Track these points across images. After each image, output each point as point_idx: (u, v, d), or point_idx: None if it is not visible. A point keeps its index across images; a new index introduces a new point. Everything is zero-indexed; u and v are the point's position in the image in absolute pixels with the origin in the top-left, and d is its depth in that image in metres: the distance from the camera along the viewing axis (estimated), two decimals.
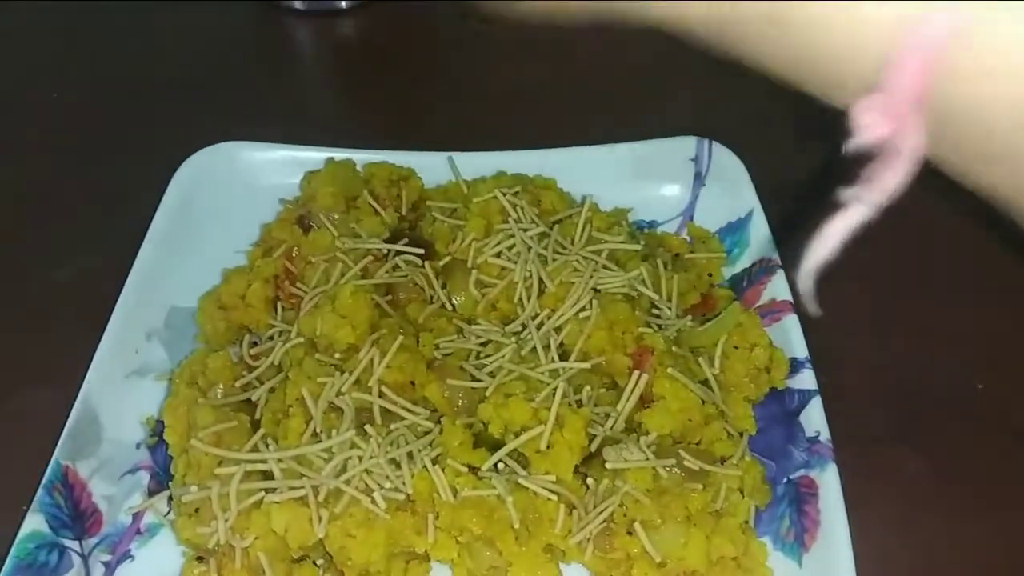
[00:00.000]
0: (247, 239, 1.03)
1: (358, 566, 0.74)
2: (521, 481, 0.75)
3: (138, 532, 0.83)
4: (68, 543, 0.79)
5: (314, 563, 0.78)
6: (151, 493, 0.85)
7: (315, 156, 1.04)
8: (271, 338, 0.91)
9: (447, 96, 1.28)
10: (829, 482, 0.80)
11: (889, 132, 0.41)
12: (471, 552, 0.75)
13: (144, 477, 0.87)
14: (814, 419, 0.84)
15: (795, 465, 0.83)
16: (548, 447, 0.78)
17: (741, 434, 0.84)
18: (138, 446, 0.89)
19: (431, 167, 1.05)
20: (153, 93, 1.27)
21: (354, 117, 1.27)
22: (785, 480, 0.83)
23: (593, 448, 0.80)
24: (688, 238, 1.03)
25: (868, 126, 0.41)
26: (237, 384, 0.86)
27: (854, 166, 0.44)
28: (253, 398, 0.84)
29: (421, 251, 0.92)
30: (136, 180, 1.07)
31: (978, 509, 0.85)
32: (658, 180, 1.06)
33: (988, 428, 0.91)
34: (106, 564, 0.80)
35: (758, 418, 0.87)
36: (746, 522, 0.79)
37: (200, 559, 0.77)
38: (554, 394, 0.81)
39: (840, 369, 0.91)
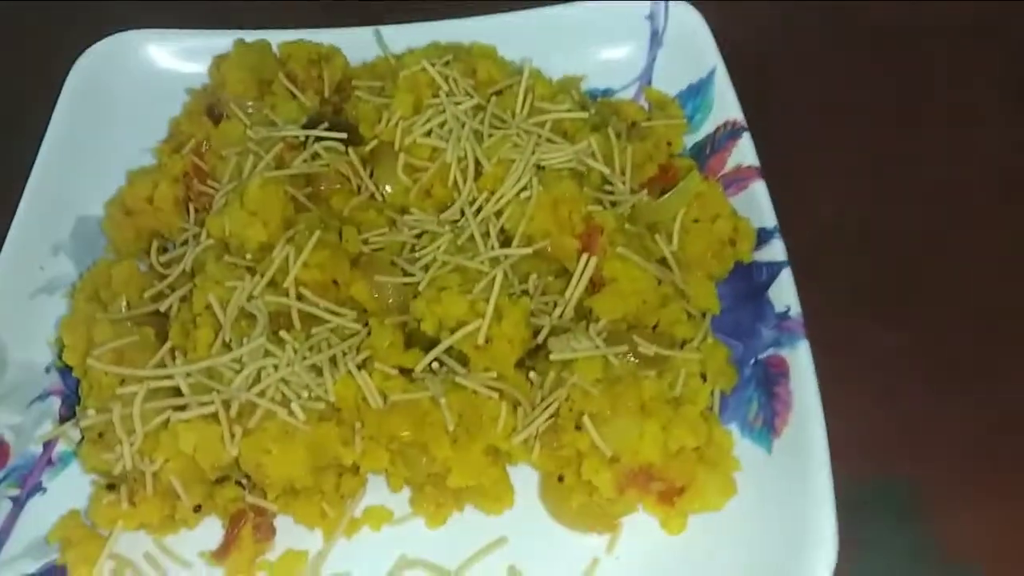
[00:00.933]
0: (156, 137, 0.92)
1: (279, 483, 0.67)
2: (458, 380, 0.68)
3: (49, 463, 0.76)
4: None
5: (238, 483, 0.71)
6: (63, 419, 0.78)
7: (224, 40, 0.93)
8: (185, 243, 0.82)
9: None
10: (801, 360, 0.72)
11: None
12: (405, 459, 0.68)
13: (55, 403, 0.80)
14: (784, 293, 0.76)
15: (764, 344, 0.75)
16: (487, 342, 0.70)
17: (703, 314, 0.76)
18: (47, 370, 0.81)
19: (357, 44, 0.94)
20: None
21: None
22: (753, 361, 0.75)
23: (540, 340, 0.72)
24: (646, 104, 0.92)
25: None
26: (146, 295, 0.78)
27: None
28: (162, 309, 0.76)
29: (343, 136, 0.82)
30: (30, 77, 0.97)
31: (958, 381, 0.78)
32: (611, 43, 0.95)
33: (964, 299, 0.83)
34: (14, 499, 0.73)
35: (723, 296, 0.78)
36: (709, 409, 0.71)
37: (111, 487, 0.70)
38: (493, 284, 0.73)
39: (811, 238, 0.82)
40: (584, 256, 0.74)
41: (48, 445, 0.77)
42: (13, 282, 0.83)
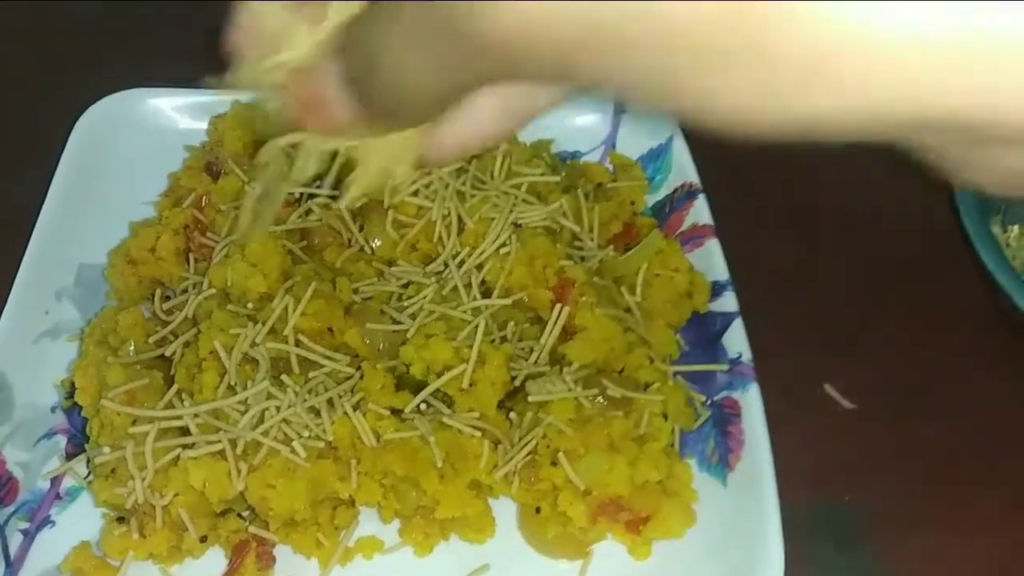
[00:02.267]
0: (156, 190, 0.99)
1: (281, 515, 0.73)
2: (444, 420, 0.75)
3: (58, 497, 0.81)
4: None
5: (239, 515, 0.77)
6: (69, 456, 0.83)
7: (222, 100, 1.00)
8: (185, 291, 0.88)
9: None
10: (751, 401, 0.81)
11: None
12: (397, 493, 0.75)
13: (61, 441, 0.84)
14: (736, 341, 0.85)
15: (718, 387, 0.84)
16: (471, 385, 0.77)
17: (664, 359, 0.85)
18: (53, 410, 0.86)
19: None
20: (50, 38, 1.20)
21: None
22: (709, 402, 0.84)
23: (518, 383, 0.80)
24: (611, 167, 1.01)
25: None
26: (150, 340, 0.83)
27: None
28: (167, 353, 0.82)
29: (335, 193, 0.89)
30: (35, 132, 1.02)
31: (900, 415, 0.87)
32: (579, 109, 1.04)
33: (916, 339, 0.93)
34: (25, 532, 0.78)
35: (681, 343, 0.87)
36: (671, 445, 0.79)
37: (121, 520, 0.75)
38: (476, 332, 0.80)
39: (762, 288, 0.91)
40: (557, 306, 0.82)
41: (56, 481, 0.82)
42: (19, 327, 0.88)
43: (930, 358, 0.91)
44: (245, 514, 0.77)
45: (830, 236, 1.00)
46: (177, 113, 1.03)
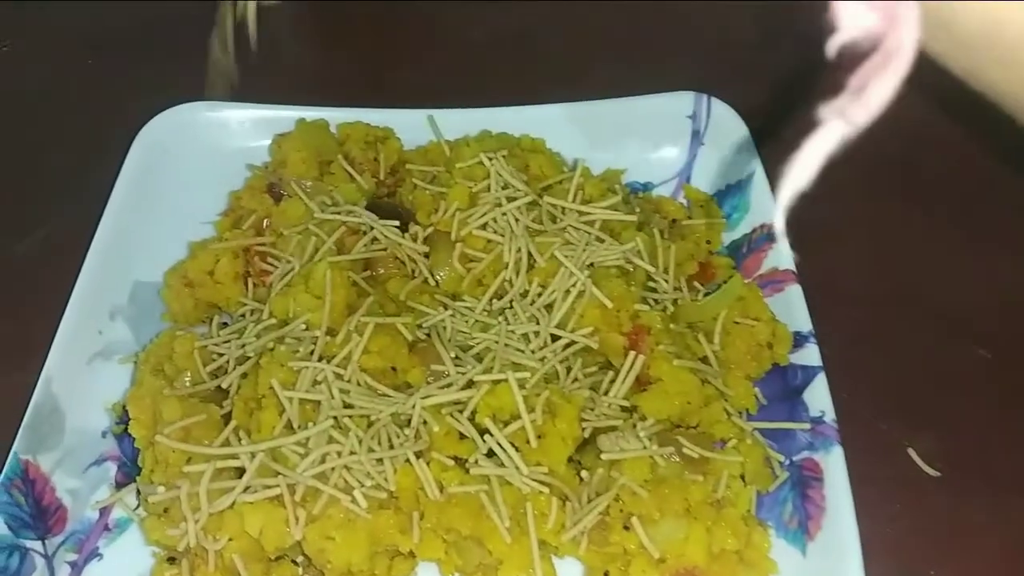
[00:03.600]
0: (215, 208, 0.96)
1: (340, 568, 0.69)
2: (510, 478, 0.71)
3: (106, 528, 0.78)
4: (30, 544, 0.75)
5: (293, 561, 0.74)
6: (119, 485, 0.81)
7: (285, 115, 0.97)
8: (243, 316, 0.86)
9: (426, 45, 1.20)
10: (834, 464, 0.76)
11: (881, 26, 0.35)
12: (459, 550, 0.71)
13: (111, 468, 0.82)
14: (818, 397, 0.80)
15: (798, 447, 0.79)
16: (539, 437, 0.73)
17: (741, 414, 0.80)
18: (103, 435, 0.84)
19: (410, 126, 0.98)
20: (110, 49, 1.18)
21: (326, 70, 1.19)
22: (788, 462, 0.79)
23: (587, 435, 0.76)
24: (685, 201, 0.97)
25: (856, 19, 0.35)
26: (207, 369, 0.80)
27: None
28: (224, 385, 0.79)
29: (397, 223, 0.85)
30: (94, 146, 1.00)
31: (990, 489, 0.82)
32: (653, 139, 0.99)
33: (998, 403, 0.87)
34: (72, 564, 0.76)
35: (759, 397, 0.82)
36: (748, 511, 0.75)
37: (172, 560, 0.73)
38: (545, 380, 0.76)
39: (845, 341, 0.86)
40: (631, 354, 0.78)
41: (104, 511, 0.79)
42: (73, 347, 0.86)
43: (1021, 425, 0.86)
44: (299, 559, 0.74)
45: (920, 288, 0.95)
46: (239, 129, 1.00)
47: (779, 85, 1.04)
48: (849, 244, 0.97)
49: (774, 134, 0.96)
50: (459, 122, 0.98)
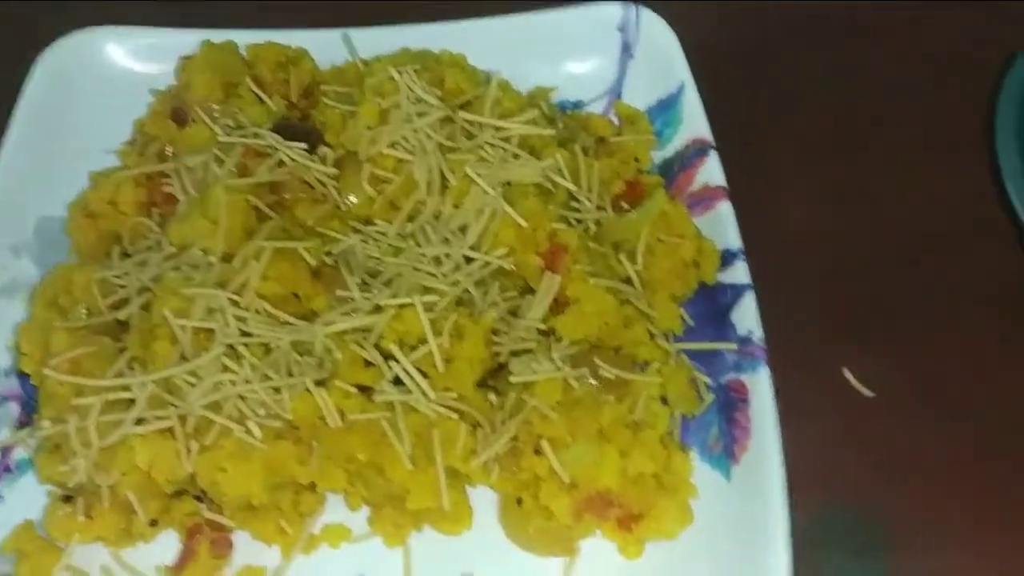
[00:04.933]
0: (121, 138, 0.91)
1: (235, 501, 0.66)
2: (416, 404, 0.67)
3: (7, 470, 0.75)
4: None
5: (196, 497, 0.71)
6: (21, 426, 0.77)
7: (190, 39, 0.91)
8: (148, 249, 0.81)
9: None
10: (761, 386, 0.73)
11: None
12: (364, 480, 0.68)
13: (14, 408, 0.78)
14: (746, 317, 0.76)
15: (725, 368, 0.76)
16: (447, 362, 0.69)
17: (666, 336, 0.77)
18: (5, 374, 0.80)
19: (326, 46, 0.92)
20: None
21: None
22: (714, 385, 0.76)
23: (503, 359, 0.73)
24: (615, 119, 0.92)
25: None
26: (107, 302, 0.76)
27: None
28: (121, 317, 0.75)
29: (304, 145, 0.81)
30: None
31: (929, 415, 0.79)
32: (582, 54, 0.94)
33: (937, 324, 0.84)
34: None
35: (685, 317, 0.79)
36: (669, 433, 0.72)
37: (67, 499, 0.69)
38: (457, 303, 0.73)
39: (777, 261, 0.83)
40: (548, 274, 0.74)
41: (5, 452, 0.76)
42: None
43: (965, 345, 0.82)
44: (203, 496, 0.71)
45: (856, 204, 0.91)
46: (143, 55, 0.94)
47: None
48: (783, 157, 0.93)
49: (707, 44, 0.91)
50: (377, 40, 0.92)
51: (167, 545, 0.71)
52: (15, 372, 0.80)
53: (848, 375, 0.81)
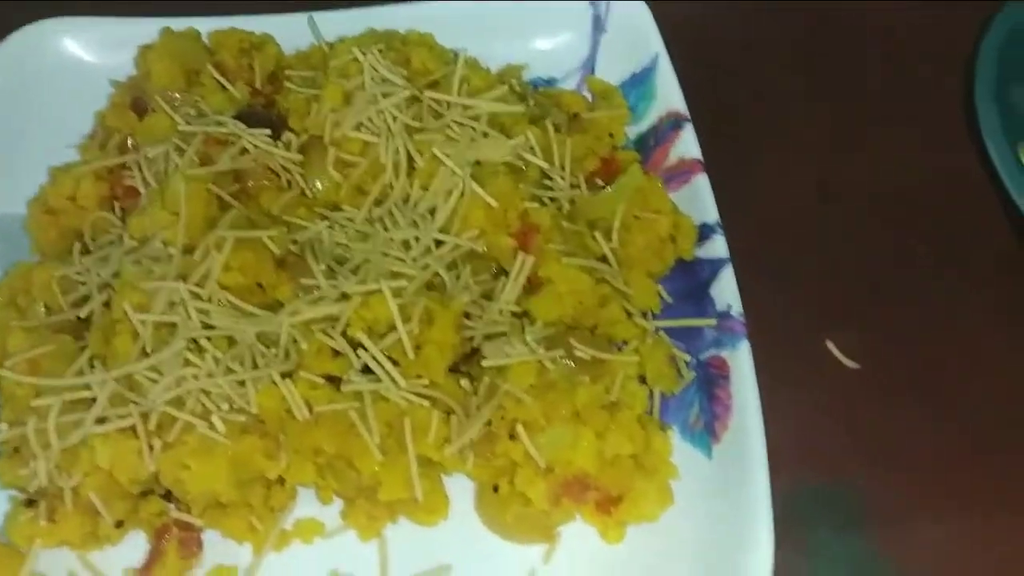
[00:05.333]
0: (82, 131, 0.88)
1: (201, 498, 0.64)
2: (385, 393, 0.65)
3: None
4: None
5: (163, 496, 0.69)
6: None
7: (149, 28, 0.89)
8: (111, 244, 0.79)
9: None
10: (741, 361, 0.70)
11: None
12: (335, 473, 0.66)
13: None
14: (725, 291, 0.74)
15: (705, 344, 0.74)
16: (417, 348, 0.67)
17: (644, 314, 0.75)
18: None
19: (290, 31, 0.90)
20: None
21: None
22: (694, 362, 0.74)
23: (476, 344, 0.70)
24: (588, 94, 0.90)
25: None
26: (69, 299, 0.74)
27: None
28: (82, 315, 0.73)
29: (267, 131, 0.78)
30: None
31: (912, 390, 0.77)
32: (552, 30, 0.92)
33: (931, 292, 0.82)
34: None
35: (663, 294, 0.77)
36: (648, 412, 0.70)
37: (30, 503, 0.67)
38: (429, 289, 0.71)
39: (757, 235, 0.81)
40: (520, 255, 0.72)
41: None
42: None
43: (950, 318, 0.80)
44: (169, 494, 0.69)
45: (833, 174, 0.88)
46: (101, 46, 0.91)
47: None
48: (761, 128, 0.91)
49: (679, 16, 0.89)
50: (342, 23, 0.90)
51: (135, 546, 0.68)
52: None
53: (832, 347, 0.79)
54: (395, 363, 0.67)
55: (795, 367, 0.77)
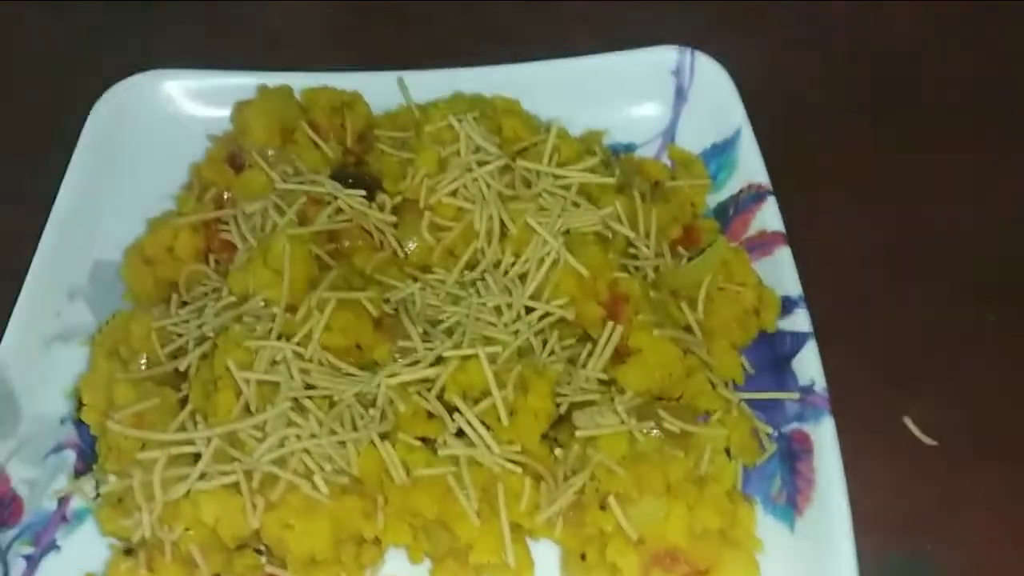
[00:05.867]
0: (178, 182, 0.92)
1: (301, 557, 0.66)
2: (480, 459, 0.67)
3: (64, 519, 0.75)
4: None
5: (257, 551, 0.70)
6: (78, 474, 0.77)
7: (246, 82, 0.92)
8: (205, 295, 0.81)
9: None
10: (824, 436, 0.72)
11: None
12: (428, 534, 0.68)
13: (70, 456, 0.78)
14: (808, 365, 0.76)
15: (787, 418, 0.75)
16: (511, 414, 0.69)
17: (726, 384, 0.76)
18: (62, 422, 0.80)
19: (379, 90, 0.93)
20: (63, 16, 1.12)
21: (290, 32, 1.12)
22: (776, 434, 0.75)
23: (563, 410, 0.72)
24: (669, 162, 0.92)
25: None
26: (165, 351, 0.76)
27: None
28: (181, 368, 0.75)
29: (363, 192, 0.81)
30: (47, 120, 0.96)
31: (989, 461, 0.77)
32: (635, 97, 0.94)
33: (998, 369, 0.83)
34: (28, 557, 0.73)
35: (746, 366, 0.78)
36: (732, 487, 0.71)
37: (128, 552, 0.69)
38: (518, 353, 0.72)
39: (837, 306, 0.82)
40: (610, 325, 0.74)
41: (63, 501, 0.76)
42: (29, 329, 0.82)
43: (1020, 392, 0.81)
44: (263, 549, 0.71)
45: (914, 253, 0.90)
46: (200, 97, 0.95)
47: (768, 38, 0.99)
48: (843, 203, 0.92)
49: (762, 90, 0.91)
50: (431, 83, 0.93)
51: None
52: (71, 419, 0.80)
53: (909, 423, 0.79)
54: (488, 428, 0.69)
55: (874, 439, 0.77)
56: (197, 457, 0.68)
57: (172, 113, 0.95)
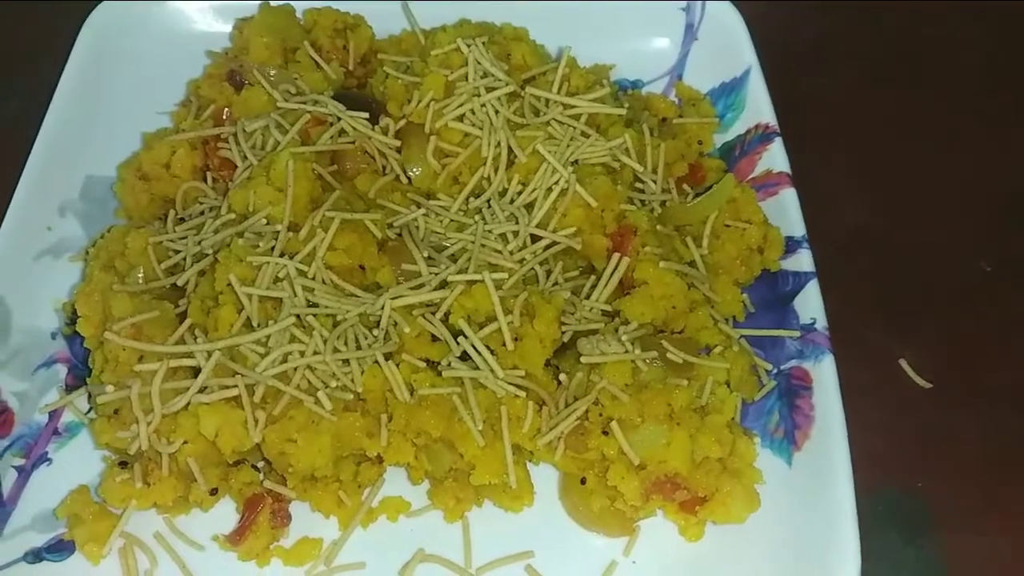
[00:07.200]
0: (172, 98, 0.89)
1: (302, 472, 0.66)
2: (484, 382, 0.67)
3: (56, 433, 0.74)
4: None
5: (253, 466, 0.70)
6: (69, 389, 0.76)
7: (247, 2, 0.89)
8: (202, 213, 0.80)
9: None
10: (825, 374, 0.72)
11: None
12: (430, 454, 0.67)
13: (61, 371, 0.77)
14: (809, 304, 0.76)
15: (787, 355, 0.75)
16: (516, 340, 0.69)
17: (727, 320, 0.76)
18: (53, 336, 0.79)
19: (383, 14, 0.91)
20: None
21: None
22: (775, 371, 0.75)
23: (567, 339, 0.72)
24: (676, 100, 0.91)
25: None
26: (162, 266, 0.75)
27: None
28: (180, 283, 0.74)
29: (365, 114, 0.79)
30: (41, 31, 0.92)
31: (983, 398, 0.79)
32: (644, 33, 0.93)
33: (992, 315, 0.84)
34: (19, 469, 0.71)
35: (747, 303, 0.78)
36: (732, 419, 0.71)
37: (123, 465, 0.68)
38: (523, 281, 0.72)
39: (836, 247, 0.82)
40: (615, 256, 0.73)
41: (54, 415, 0.75)
42: (19, 243, 0.80)
43: (1010, 338, 0.82)
44: (260, 465, 0.70)
45: (918, 195, 0.90)
46: (199, 14, 0.92)
47: None
48: (848, 147, 0.92)
49: (773, 29, 0.90)
50: (435, 11, 0.91)
51: (222, 514, 0.70)
52: (63, 334, 0.78)
53: (905, 366, 0.80)
54: (493, 352, 0.69)
55: (871, 379, 0.78)
56: (195, 371, 0.67)
57: (170, 29, 0.92)
